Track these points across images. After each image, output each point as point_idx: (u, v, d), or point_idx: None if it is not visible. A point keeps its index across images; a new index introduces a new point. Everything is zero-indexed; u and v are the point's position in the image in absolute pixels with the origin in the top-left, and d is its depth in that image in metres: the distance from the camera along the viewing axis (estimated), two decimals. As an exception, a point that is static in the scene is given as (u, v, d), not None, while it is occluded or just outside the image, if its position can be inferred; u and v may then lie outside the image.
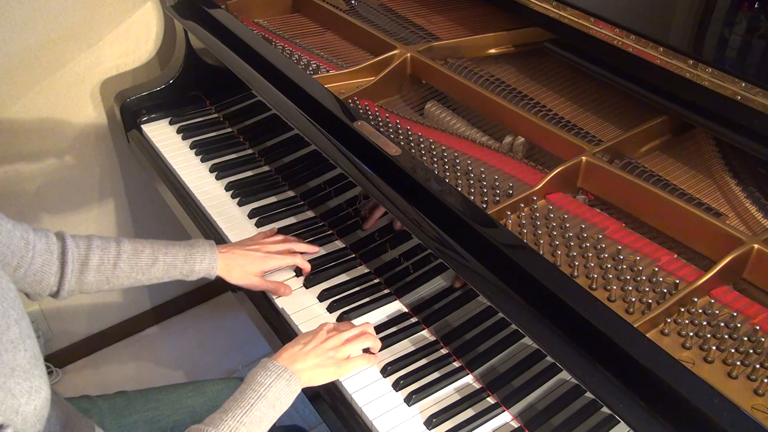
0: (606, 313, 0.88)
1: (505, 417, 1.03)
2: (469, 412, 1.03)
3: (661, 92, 1.23)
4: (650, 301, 0.98)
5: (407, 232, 1.13)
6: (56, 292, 1.11)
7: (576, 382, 0.90)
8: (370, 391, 1.06)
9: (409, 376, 1.07)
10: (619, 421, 0.84)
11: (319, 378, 1.03)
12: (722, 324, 0.96)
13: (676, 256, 1.07)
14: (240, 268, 1.21)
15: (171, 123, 1.67)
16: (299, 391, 1.01)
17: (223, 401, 1.26)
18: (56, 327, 2.05)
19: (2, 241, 1.01)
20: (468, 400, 1.04)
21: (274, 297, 1.22)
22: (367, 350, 1.09)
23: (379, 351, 1.11)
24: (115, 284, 1.16)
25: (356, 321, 1.17)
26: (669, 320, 0.97)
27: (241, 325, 2.34)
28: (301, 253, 1.28)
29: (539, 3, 1.32)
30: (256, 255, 1.23)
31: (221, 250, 1.22)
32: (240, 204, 1.43)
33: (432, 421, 1.01)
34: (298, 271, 1.26)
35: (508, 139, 1.32)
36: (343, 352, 1.05)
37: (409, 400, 1.04)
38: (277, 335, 1.20)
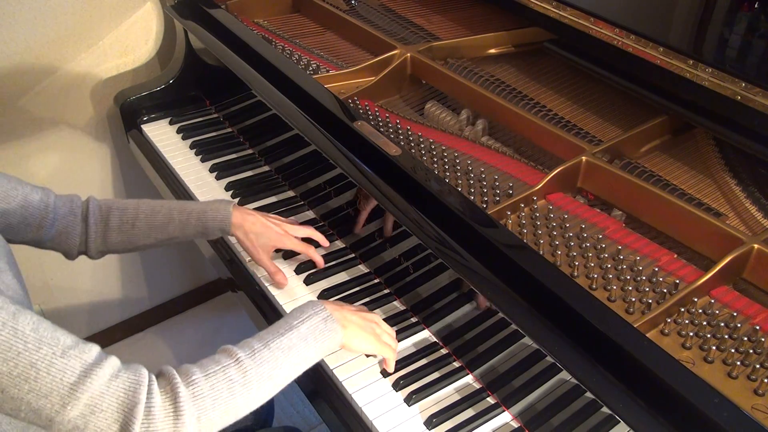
0: (606, 313, 0.88)
1: (505, 417, 1.03)
2: (469, 412, 1.03)
3: (661, 92, 1.23)
4: (650, 301, 0.98)
5: (407, 232, 1.13)
6: (86, 251, 1.18)
7: (576, 382, 0.90)
8: (370, 391, 1.06)
9: (409, 376, 1.07)
10: (619, 421, 0.84)
11: (358, 339, 1.01)
12: (722, 324, 0.96)
13: (676, 256, 1.07)
14: (254, 235, 1.20)
15: (171, 123, 1.68)
16: (337, 335, 0.98)
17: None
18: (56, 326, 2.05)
19: (20, 203, 1.09)
20: (468, 400, 1.04)
21: (274, 297, 1.22)
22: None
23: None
24: (137, 243, 1.19)
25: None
26: (669, 320, 0.97)
27: (241, 325, 2.34)
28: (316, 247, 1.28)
29: (539, 3, 1.32)
30: (274, 229, 1.22)
31: (241, 211, 1.21)
32: (240, 204, 1.43)
33: (432, 421, 1.01)
34: (298, 269, 1.26)
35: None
36: (382, 330, 1.05)
37: (409, 400, 1.04)
38: (277, 335, 1.20)
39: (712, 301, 0.99)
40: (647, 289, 1.00)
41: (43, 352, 0.74)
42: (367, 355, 1.09)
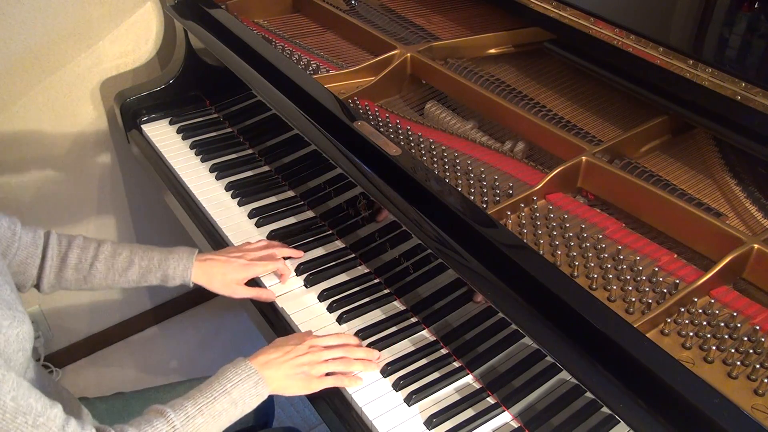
0: (606, 313, 0.88)
1: (505, 417, 1.03)
2: (469, 412, 1.03)
3: (661, 92, 1.23)
4: (650, 301, 0.98)
5: (407, 231, 1.13)
6: (37, 285, 1.16)
7: (576, 382, 0.90)
8: (370, 391, 1.06)
9: (409, 376, 1.07)
10: (619, 421, 0.84)
11: (287, 390, 1.04)
12: (722, 324, 0.96)
13: (676, 256, 1.07)
14: (221, 276, 1.21)
15: (171, 123, 1.67)
16: (265, 396, 1.02)
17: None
18: (56, 327, 2.05)
19: None
20: (468, 400, 1.04)
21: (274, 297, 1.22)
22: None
23: (380, 351, 1.11)
24: (92, 284, 1.18)
25: (356, 321, 1.17)
26: (669, 320, 0.97)
27: (241, 325, 2.34)
28: (288, 258, 1.28)
29: (539, 3, 1.32)
30: (238, 262, 1.22)
31: (201, 257, 1.22)
32: (240, 204, 1.43)
33: (432, 421, 1.01)
34: (298, 270, 1.26)
35: (508, 144, 1.32)
36: (318, 370, 1.05)
37: (409, 400, 1.04)
38: (277, 335, 1.20)
39: (712, 301, 0.99)
40: (647, 289, 1.00)
41: (18, 421, 0.79)
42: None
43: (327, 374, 1.06)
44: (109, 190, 1.97)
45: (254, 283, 1.25)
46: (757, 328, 0.94)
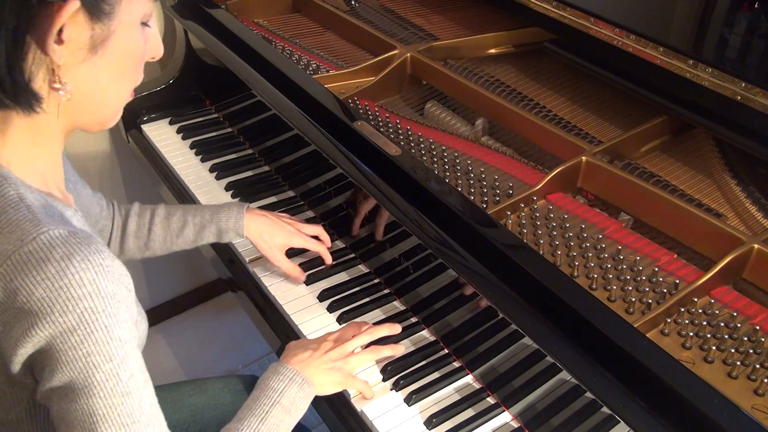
0: (606, 313, 0.88)
1: (505, 417, 1.03)
2: (469, 412, 1.03)
3: (661, 92, 1.23)
4: (650, 301, 0.98)
5: (407, 231, 1.13)
6: None
7: (576, 382, 0.90)
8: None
9: (409, 376, 1.07)
10: (619, 421, 0.84)
11: (325, 386, 1.02)
12: (722, 324, 0.96)
13: (676, 256, 1.07)
14: (268, 236, 1.21)
15: (171, 123, 1.67)
16: (312, 394, 1.00)
17: (224, 400, 1.27)
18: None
19: (87, 204, 1.10)
20: (468, 400, 1.04)
21: (274, 297, 1.22)
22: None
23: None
24: (153, 248, 1.20)
25: (356, 321, 1.17)
26: (669, 320, 0.97)
27: (241, 325, 2.34)
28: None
29: (539, 3, 1.32)
30: (287, 228, 1.22)
31: (253, 212, 1.22)
32: (240, 204, 1.43)
33: (432, 421, 1.01)
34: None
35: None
36: (351, 365, 1.04)
37: (409, 400, 1.04)
38: (277, 335, 1.20)
39: (712, 301, 0.99)
40: (647, 289, 1.00)
41: (150, 431, 0.78)
42: None
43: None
44: (109, 190, 1.97)
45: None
46: (757, 328, 0.94)
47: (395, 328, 1.11)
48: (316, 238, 1.26)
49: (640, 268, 1.03)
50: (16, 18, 0.68)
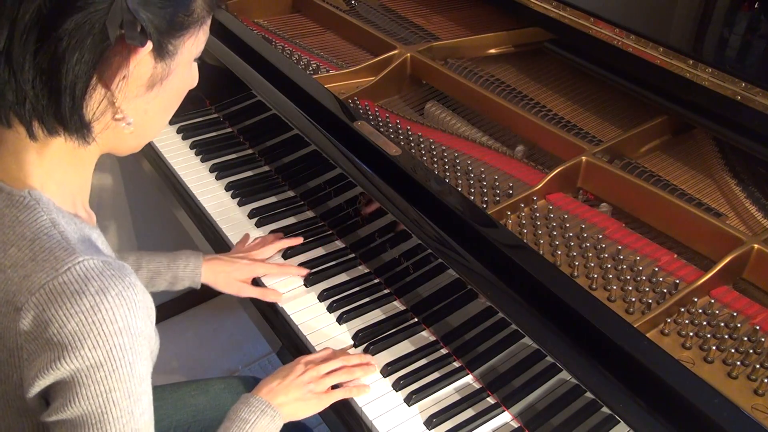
0: (606, 313, 0.88)
1: (505, 417, 1.03)
2: (469, 412, 1.03)
3: (661, 92, 1.23)
4: (650, 301, 0.98)
5: (407, 231, 1.13)
6: None
7: (576, 382, 0.90)
8: (370, 391, 1.06)
9: (409, 376, 1.07)
10: (619, 421, 0.84)
11: (299, 412, 1.02)
12: (722, 324, 0.96)
13: (676, 256, 1.07)
14: (225, 275, 1.21)
15: (171, 123, 1.67)
16: (281, 426, 1.00)
17: (226, 400, 1.27)
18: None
19: None
20: (468, 400, 1.04)
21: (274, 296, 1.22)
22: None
23: (379, 351, 1.12)
24: None
25: (356, 321, 1.17)
26: (669, 320, 0.97)
27: (241, 325, 2.34)
28: (291, 248, 1.29)
29: (539, 3, 1.32)
30: (242, 262, 1.23)
31: (207, 258, 1.22)
32: (240, 204, 1.43)
33: (432, 421, 1.01)
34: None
35: (520, 147, 1.32)
36: (323, 385, 1.03)
37: (409, 400, 1.04)
38: (277, 335, 1.20)
39: (712, 301, 0.99)
40: (647, 289, 1.00)
41: None
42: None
43: (333, 387, 1.05)
44: (109, 191, 1.97)
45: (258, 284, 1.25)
46: (757, 328, 0.94)
47: (366, 358, 1.09)
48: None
49: (640, 268, 1.04)
50: (91, 56, 0.69)
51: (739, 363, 0.91)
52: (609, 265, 1.05)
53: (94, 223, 0.88)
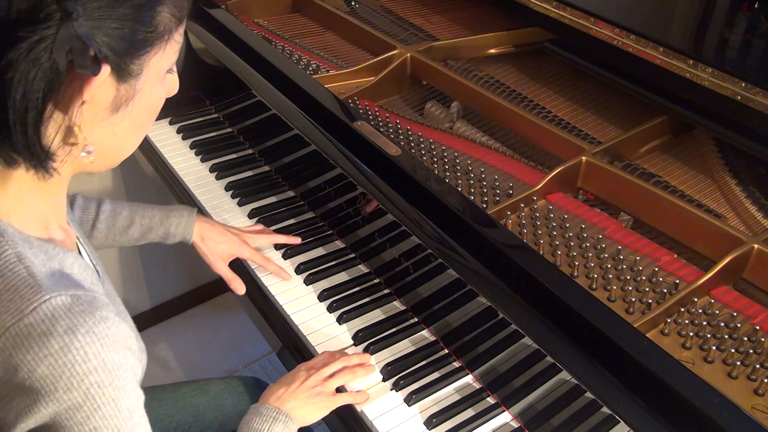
0: (606, 313, 0.88)
1: (505, 417, 1.03)
2: (469, 412, 1.03)
3: (661, 92, 1.23)
4: (650, 301, 0.98)
5: (407, 231, 1.13)
6: None
7: (576, 382, 0.90)
8: (370, 391, 1.06)
9: (409, 376, 1.07)
10: (619, 421, 0.84)
11: (310, 416, 1.01)
12: (722, 324, 0.96)
13: (676, 256, 1.07)
14: (212, 242, 1.23)
15: (171, 123, 1.67)
16: (295, 428, 0.99)
17: (226, 400, 1.27)
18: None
19: None
20: (468, 400, 1.04)
21: (274, 297, 1.22)
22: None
23: (379, 351, 1.12)
24: (94, 244, 1.17)
25: (356, 321, 1.17)
26: (669, 320, 0.97)
27: (241, 325, 2.34)
28: (284, 247, 1.29)
29: (539, 3, 1.32)
30: (232, 238, 1.24)
31: (200, 218, 1.23)
32: (240, 204, 1.43)
33: (432, 421, 1.01)
34: (298, 269, 1.26)
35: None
36: (329, 387, 1.03)
37: (409, 400, 1.04)
38: (277, 335, 1.21)
39: (712, 301, 0.99)
40: (647, 289, 1.00)
41: None
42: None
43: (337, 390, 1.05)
44: (109, 191, 1.97)
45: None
46: (757, 328, 0.94)
47: (365, 357, 1.10)
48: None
49: (640, 268, 1.03)
50: (42, 86, 0.65)
51: (739, 363, 0.91)
52: (609, 265, 1.05)
53: (74, 240, 0.84)
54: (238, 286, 1.23)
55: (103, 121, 0.73)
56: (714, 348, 0.92)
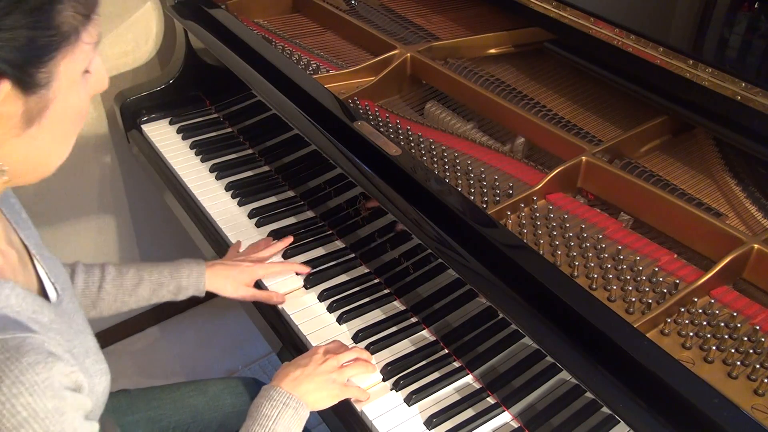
0: (606, 313, 0.88)
1: (505, 417, 1.03)
2: (469, 412, 1.03)
3: (661, 92, 1.22)
4: (650, 301, 0.98)
5: (407, 231, 1.13)
6: None
7: (576, 382, 0.90)
8: (370, 391, 1.06)
9: (409, 376, 1.07)
10: (619, 421, 0.84)
11: (323, 401, 1.01)
12: (722, 324, 0.96)
13: (676, 256, 1.07)
14: (231, 280, 1.21)
15: (171, 123, 1.67)
16: (306, 414, 0.98)
17: (225, 401, 1.27)
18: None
19: None
20: (468, 400, 1.04)
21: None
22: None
23: (379, 351, 1.12)
24: (101, 308, 1.14)
25: (356, 321, 1.17)
26: (669, 320, 0.97)
27: (241, 325, 2.34)
28: (291, 248, 1.29)
29: (539, 3, 1.32)
30: (244, 265, 1.22)
31: (209, 264, 1.21)
32: (240, 204, 1.43)
33: (432, 421, 1.01)
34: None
35: (508, 145, 1.32)
36: (344, 376, 1.03)
37: (409, 400, 1.04)
38: (278, 335, 1.20)
39: (712, 301, 0.99)
40: (647, 289, 1.00)
41: None
42: None
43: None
44: (110, 191, 1.97)
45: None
46: (757, 328, 0.94)
47: (365, 354, 1.10)
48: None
49: (640, 268, 1.03)
50: None
51: (739, 363, 0.91)
52: (609, 265, 1.05)
53: (14, 263, 0.79)
54: (279, 298, 1.21)
55: (18, 138, 0.67)
56: (714, 348, 0.92)
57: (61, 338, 0.75)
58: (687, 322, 0.96)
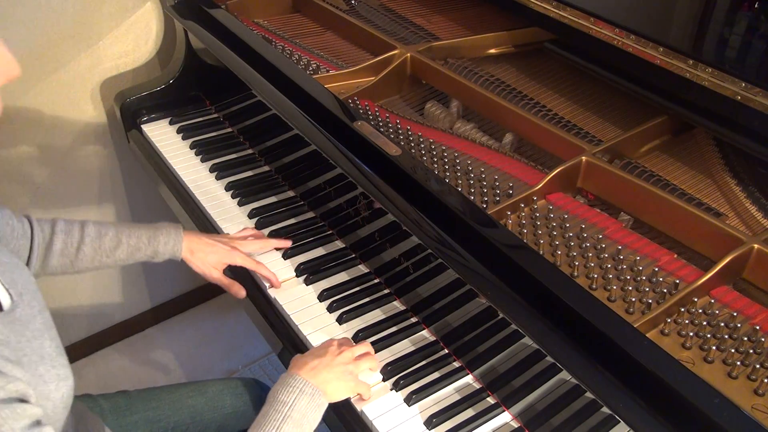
0: (606, 313, 0.88)
1: (505, 417, 1.03)
2: (469, 412, 1.03)
3: (661, 92, 1.23)
4: (650, 301, 0.98)
5: (407, 232, 1.13)
6: None
7: (576, 382, 0.90)
8: (371, 391, 1.06)
9: (409, 376, 1.07)
10: (619, 421, 0.84)
11: (339, 392, 1.00)
12: (722, 324, 0.96)
13: (676, 256, 1.07)
14: (202, 254, 1.22)
15: (171, 123, 1.67)
16: (324, 404, 0.98)
17: (224, 402, 1.27)
18: (56, 327, 2.05)
19: None
20: (468, 400, 1.04)
21: (274, 297, 1.22)
22: None
23: (379, 351, 1.12)
24: (79, 267, 1.17)
25: (356, 321, 1.17)
26: (669, 320, 0.97)
27: (241, 325, 2.34)
28: (290, 248, 1.29)
29: (539, 3, 1.32)
30: (221, 246, 1.24)
31: (187, 233, 1.23)
32: (240, 204, 1.43)
33: (432, 421, 1.01)
34: (298, 270, 1.26)
35: (507, 138, 1.33)
36: (360, 368, 1.03)
37: (409, 400, 1.04)
38: (277, 335, 1.20)
39: (712, 301, 0.99)
40: (647, 289, 1.00)
41: None
42: None
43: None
44: (110, 190, 1.97)
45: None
46: (757, 328, 0.94)
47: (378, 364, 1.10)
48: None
49: (640, 268, 1.03)
50: None
51: (739, 363, 0.91)
52: (609, 265, 1.05)
53: None
54: (238, 291, 1.23)
55: None
56: (714, 348, 0.92)
57: (5, 348, 0.75)
58: (687, 322, 0.96)
